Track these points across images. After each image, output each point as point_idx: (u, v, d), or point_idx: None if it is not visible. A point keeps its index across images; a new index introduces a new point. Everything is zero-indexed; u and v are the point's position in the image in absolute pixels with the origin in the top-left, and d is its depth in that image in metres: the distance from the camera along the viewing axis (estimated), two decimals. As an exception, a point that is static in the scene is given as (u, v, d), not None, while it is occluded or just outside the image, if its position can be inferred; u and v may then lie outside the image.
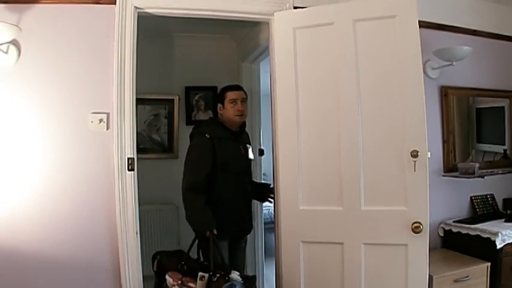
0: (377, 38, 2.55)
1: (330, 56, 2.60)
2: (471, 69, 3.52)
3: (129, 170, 2.55)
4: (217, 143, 2.77)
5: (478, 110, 3.74)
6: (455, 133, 3.53)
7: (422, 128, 2.43)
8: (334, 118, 2.60)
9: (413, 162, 2.42)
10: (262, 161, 4.42)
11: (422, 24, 2.87)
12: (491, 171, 3.56)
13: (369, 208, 2.53)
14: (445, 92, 3.47)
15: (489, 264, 3.04)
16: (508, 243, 3.06)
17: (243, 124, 2.99)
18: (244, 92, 2.97)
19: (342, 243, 2.58)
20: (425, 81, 3.10)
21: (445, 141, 3.46)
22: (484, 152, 3.79)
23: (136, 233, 2.60)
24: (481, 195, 3.60)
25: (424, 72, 3.22)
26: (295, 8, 2.83)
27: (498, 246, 3.01)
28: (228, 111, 2.86)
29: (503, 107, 3.82)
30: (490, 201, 3.63)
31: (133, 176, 2.59)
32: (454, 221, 3.36)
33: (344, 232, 2.58)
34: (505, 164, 3.75)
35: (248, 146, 3.03)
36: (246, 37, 4.19)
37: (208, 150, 2.74)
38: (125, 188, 2.54)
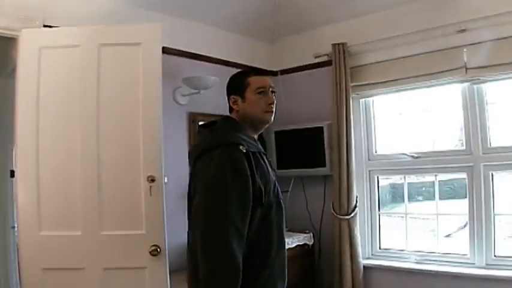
0: (122, 64, 2.59)
1: (74, 80, 2.56)
2: (219, 98, 3.71)
3: None
4: (255, 162, 1.77)
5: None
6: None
7: (158, 154, 2.52)
8: (76, 141, 2.55)
9: (149, 187, 2.49)
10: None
11: (176, 53, 3.00)
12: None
13: (108, 233, 2.52)
14: (193, 118, 3.59)
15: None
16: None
17: None
18: None
19: (83, 269, 2.53)
20: (175, 107, 3.25)
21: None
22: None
23: None
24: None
25: (174, 98, 3.35)
26: (45, 26, 2.74)
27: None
28: (254, 105, 1.92)
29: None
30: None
31: None
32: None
33: (85, 257, 2.53)
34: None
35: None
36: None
37: (247, 175, 1.70)
38: None
